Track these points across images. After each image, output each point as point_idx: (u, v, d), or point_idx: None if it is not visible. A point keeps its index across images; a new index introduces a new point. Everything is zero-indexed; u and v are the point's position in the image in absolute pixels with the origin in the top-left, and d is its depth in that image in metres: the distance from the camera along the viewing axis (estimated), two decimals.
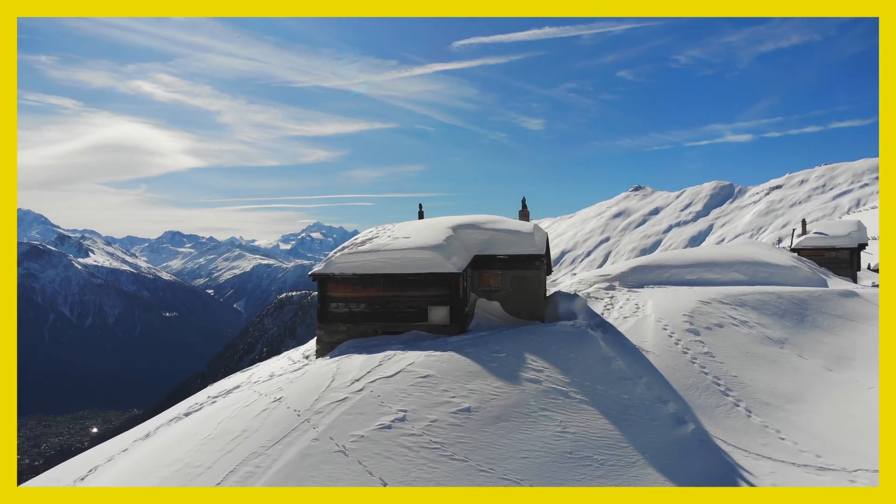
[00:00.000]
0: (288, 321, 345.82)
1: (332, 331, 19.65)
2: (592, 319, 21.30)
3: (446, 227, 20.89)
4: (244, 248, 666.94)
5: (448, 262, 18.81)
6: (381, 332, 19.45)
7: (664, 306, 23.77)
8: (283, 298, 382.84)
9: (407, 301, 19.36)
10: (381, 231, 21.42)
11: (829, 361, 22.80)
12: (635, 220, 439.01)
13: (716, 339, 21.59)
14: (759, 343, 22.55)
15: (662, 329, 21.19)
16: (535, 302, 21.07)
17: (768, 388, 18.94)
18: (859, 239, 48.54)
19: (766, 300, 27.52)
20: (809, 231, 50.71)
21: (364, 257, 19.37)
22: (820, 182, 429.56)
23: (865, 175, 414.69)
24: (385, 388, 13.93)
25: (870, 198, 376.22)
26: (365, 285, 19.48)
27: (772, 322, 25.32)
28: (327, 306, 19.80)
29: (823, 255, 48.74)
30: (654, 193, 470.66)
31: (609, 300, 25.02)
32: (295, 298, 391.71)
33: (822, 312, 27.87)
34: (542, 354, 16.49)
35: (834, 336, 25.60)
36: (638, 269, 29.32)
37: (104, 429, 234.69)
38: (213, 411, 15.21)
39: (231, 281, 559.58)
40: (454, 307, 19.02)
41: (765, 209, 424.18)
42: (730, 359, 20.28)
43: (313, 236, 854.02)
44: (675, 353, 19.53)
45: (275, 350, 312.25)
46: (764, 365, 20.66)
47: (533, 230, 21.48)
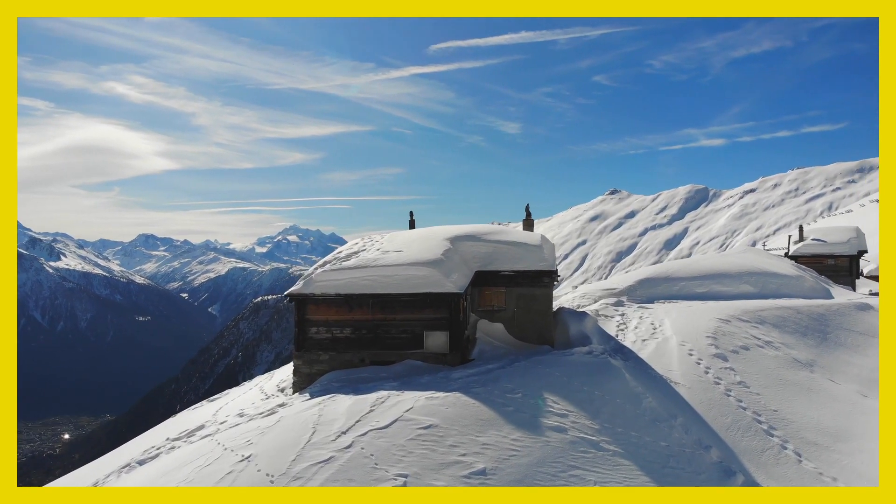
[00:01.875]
0: (264, 325, 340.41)
1: (312, 360, 16.93)
2: (608, 343, 18.83)
3: (443, 238, 18.25)
4: (219, 252, 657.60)
5: (447, 281, 16.20)
6: (369, 361, 16.77)
7: (683, 326, 21.44)
8: (258, 302, 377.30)
9: (399, 325, 16.71)
10: (368, 243, 18.71)
11: (861, 386, 20.71)
12: (611, 223, 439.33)
13: (745, 364, 19.29)
14: (789, 367, 20.31)
15: (688, 354, 18.81)
16: (543, 324, 18.53)
17: (812, 424, 16.67)
18: (858, 246, 46.82)
19: (785, 316, 25.32)
20: (807, 238, 48.87)
21: (350, 274, 16.68)
22: (793, 186, 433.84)
23: (837, 179, 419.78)
24: (379, 443, 11.28)
25: (842, 201, 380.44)
26: (351, 307, 16.79)
27: (795, 341, 23.15)
28: (306, 331, 17.08)
29: (822, 263, 46.93)
30: (630, 197, 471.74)
31: (621, 318, 22.61)
32: (271, 302, 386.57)
33: (843, 329, 25.76)
34: (563, 393, 13.94)
35: (860, 356, 23.50)
36: (645, 281, 26.96)
37: (76, 435, 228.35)
38: (168, 465, 12.46)
39: (206, 284, 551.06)
40: (454, 332, 16.41)
41: (739, 213, 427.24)
42: (764, 388, 17.98)
43: (290, 239, 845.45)
44: (706, 383, 17.16)
45: (250, 356, 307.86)
46: (800, 394, 18.38)
47: (541, 242, 18.92)
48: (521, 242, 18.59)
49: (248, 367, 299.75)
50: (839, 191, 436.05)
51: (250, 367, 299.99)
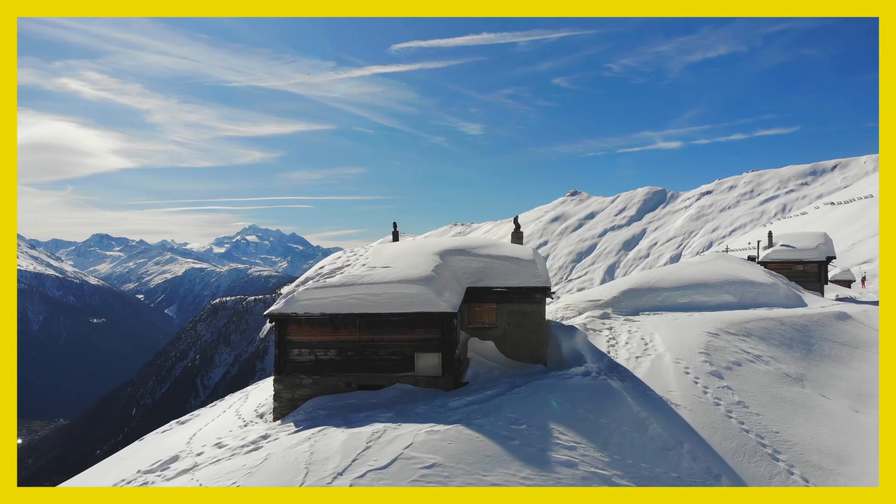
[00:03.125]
0: (222, 327, 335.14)
1: (294, 384, 15.83)
2: (601, 361, 18.15)
3: (432, 253, 17.31)
4: (176, 252, 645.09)
5: (440, 299, 15.28)
6: (355, 385, 15.74)
7: (674, 341, 20.91)
8: (216, 304, 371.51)
9: (388, 347, 15.73)
10: (352, 257, 17.67)
11: (852, 401, 20.43)
12: (572, 224, 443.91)
13: (740, 382, 18.81)
14: (781, 383, 19.92)
15: (684, 373, 18.23)
16: (536, 342, 17.73)
17: (814, 445, 16.21)
18: (827, 252, 47.25)
19: (769, 328, 25.06)
20: (776, 243, 49.22)
21: (335, 293, 15.63)
22: (748, 188, 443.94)
23: (791, 181, 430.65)
24: (380, 486, 10.32)
25: (795, 203, 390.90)
26: (336, 327, 15.75)
27: (782, 354, 22.84)
28: (287, 354, 15.98)
29: (791, 269, 47.27)
30: (590, 198, 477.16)
31: (609, 332, 21.99)
32: (229, 304, 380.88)
33: (825, 340, 25.62)
34: (569, 423, 13.15)
35: (846, 368, 23.32)
36: (629, 292, 26.45)
37: (29, 440, 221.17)
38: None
39: (162, 285, 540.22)
40: (447, 354, 15.50)
41: (696, 214, 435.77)
42: (762, 408, 17.50)
43: (249, 239, 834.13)
44: (706, 404, 16.57)
45: (208, 358, 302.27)
46: (797, 413, 17.96)
47: (533, 257, 18.12)
48: (513, 257, 17.76)
49: (206, 369, 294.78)
50: (793, 193, 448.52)
51: (208, 370, 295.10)
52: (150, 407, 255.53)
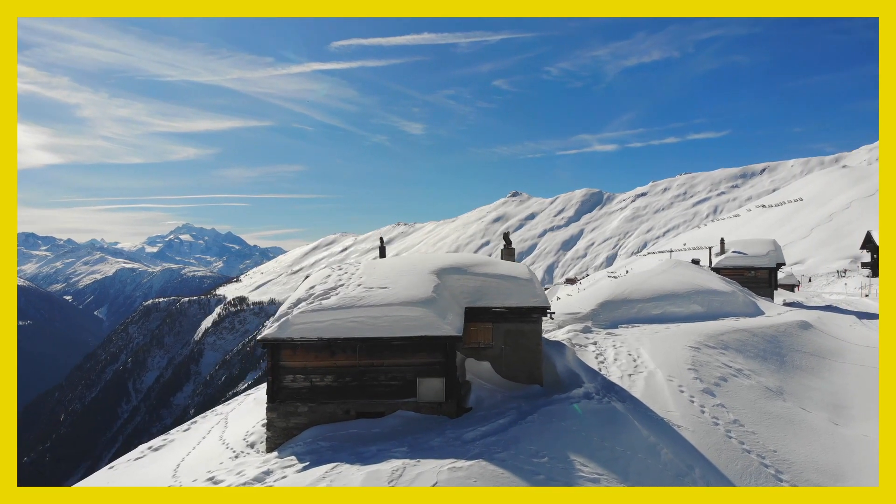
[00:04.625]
0: (155, 329, 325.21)
1: (288, 412, 15.01)
2: (596, 380, 17.96)
3: (429, 272, 16.70)
4: (106, 252, 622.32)
5: (443, 322, 14.73)
6: (354, 413, 15.03)
7: (661, 357, 20.94)
8: (149, 305, 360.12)
9: (389, 372, 15.07)
10: (343, 276, 16.90)
11: (830, 413, 20.86)
12: (513, 224, 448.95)
13: (730, 398, 18.92)
14: (765, 397, 20.17)
15: (679, 391, 18.20)
16: (533, 362, 17.36)
17: (810, 463, 16.36)
18: (777, 258, 48.68)
19: (743, 340, 25.47)
20: (728, 250, 50.42)
21: (332, 316, 14.87)
22: (681, 190, 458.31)
23: (722, 184, 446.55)
24: None
25: (726, 205, 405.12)
26: (333, 352, 15.00)
27: (759, 367, 23.21)
28: (281, 380, 15.14)
29: (743, 275, 48.50)
30: (531, 199, 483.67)
31: (595, 348, 21.88)
32: (162, 305, 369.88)
33: (794, 350, 26.21)
34: (587, 452, 12.81)
35: (818, 379, 23.86)
36: (606, 304, 26.49)
37: None
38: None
39: (91, 286, 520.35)
40: (450, 378, 14.96)
41: (631, 215, 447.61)
42: (756, 425, 17.62)
43: (182, 238, 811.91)
44: (706, 424, 16.55)
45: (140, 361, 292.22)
46: (786, 428, 18.15)
47: (530, 276, 17.75)
48: (510, 276, 17.35)
49: (138, 373, 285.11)
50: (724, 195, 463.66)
51: (141, 374, 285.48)
52: (79, 412, 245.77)
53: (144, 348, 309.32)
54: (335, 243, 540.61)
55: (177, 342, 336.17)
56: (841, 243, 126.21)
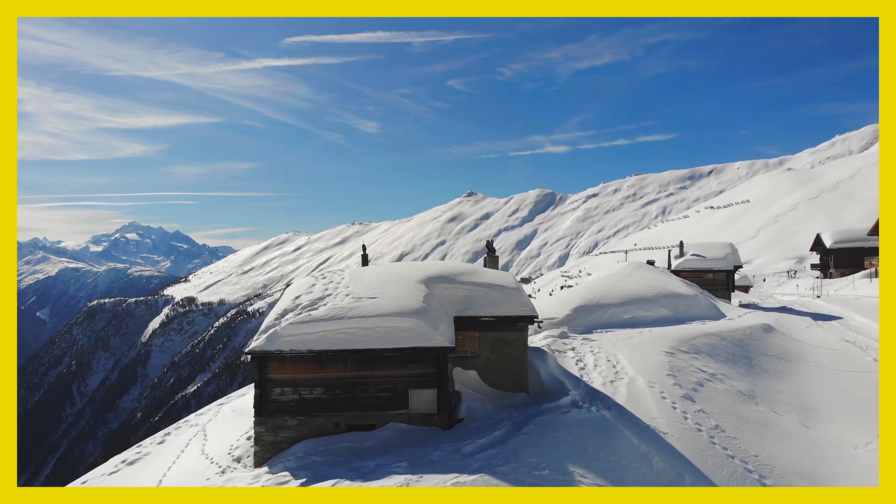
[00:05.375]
0: (100, 331, 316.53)
1: (277, 426, 14.68)
2: (579, 388, 18.08)
3: (417, 281, 16.56)
4: (48, 251, 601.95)
5: (436, 333, 14.61)
6: (345, 426, 14.79)
7: (639, 363, 21.23)
8: (94, 306, 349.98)
9: (379, 383, 14.88)
10: (329, 285, 16.61)
11: (799, 416, 21.42)
12: (468, 224, 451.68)
13: (709, 404, 19.30)
14: (740, 402, 20.63)
15: (661, 398, 18.47)
16: (519, 370, 17.38)
17: (790, 468, 16.77)
18: (734, 261, 49.93)
19: (713, 344, 26.03)
20: (687, 253, 51.49)
21: (322, 327, 14.61)
22: (631, 191, 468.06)
23: (671, 185, 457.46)
24: None
25: (675, 206, 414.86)
26: (322, 364, 14.74)
27: (730, 370, 23.73)
28: (268, 393, 14.80)
29: (702, 277, 49.60)
30: (486, 199, 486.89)
31: (574, 354, 22.06)
32: (108, 306, 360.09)
33: (761, 353, 26.90)
34: (584, 463, 12.87)
35: (785, 382, 24.50)
36: (580, 309, 26.77)
37: None
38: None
39: (33, 286, 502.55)
40: (442, 389, 14.86)
41: (583, 215, 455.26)
42: (735, 429, 17.99)
43: (128, 237, 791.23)
44: (690, 431, 16.83)
45: (85, 364, 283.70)
46: (762, 432, 18.58)
47: (517, 285, 17.77)
48: (498, 285, 17.32)
49: (82, 376, 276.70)
50: (672, 196, 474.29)
51: (85, 377, 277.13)
52: (21, 416, 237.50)
53: (89, 350, 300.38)
54: (287, 243, 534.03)
55: (123, 344, 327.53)
56: (787, 244, 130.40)
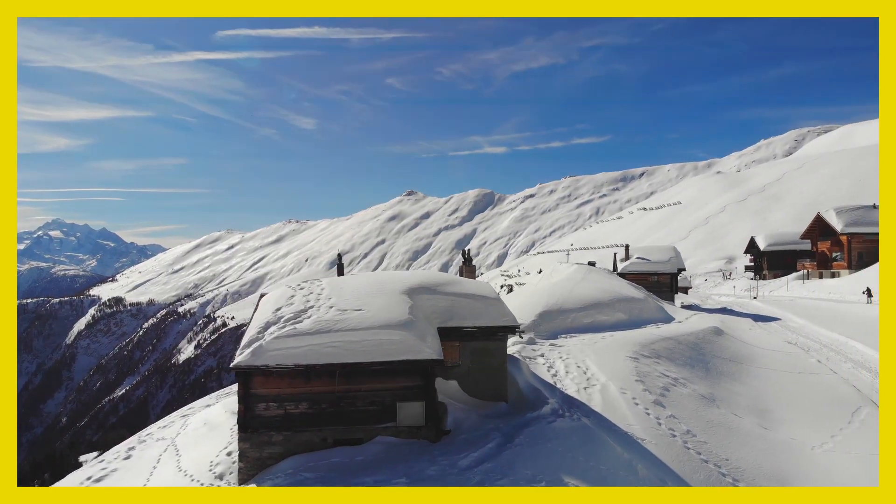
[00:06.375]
0: (22, 333, 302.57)
1: (262, 442, 14.36)
2: (555, 395, 18.34)
3: (400, 292, 16.46)
4: None
5: (424, 345, 14.58)
6: (332, 441, 14.59)
7: (608, 369, 21.70)
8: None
9: (366, 397, 14.73)
10: (311, 297, 16.34)
11: (757, 418, 22.24)
12: (408, 223, 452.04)
13: (678, 408, 19.88)
14: (702, 405, 21.31)
15: (634, 404, 18.92)
16: (499, 379, 17.53)
17: (759, 471, 17.39)
18: (678, 264, 51.52)
19: (671, 348, 26.82)
20: (633, 256, 52.83)
21: (309, 341, 14.36)
22: (566, 192, 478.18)
23: (604, 187, 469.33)
24: None
25: (608, 207, 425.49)
26: (308, 378, 14.50)
27: (690, 374, 24.49)
28: (253, 408, 14.46)
29: (647, 280, 51.01)
30: (426, 199, 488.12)
31: (544, 360, 22.39)
32: (30, 306, 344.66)
33: (715, 357, 27.85)
34: (577, 473, 13.09)
35: (739, 384, 25.42)
36: (544, 314, 27.21)
37: None
38: None
39: None
40: (430, 402, 14.84)
41: (520, 215, 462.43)
42: (704, 433, 18.59)
43: (52, 235, 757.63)
44: (665, 436, 17.30)
45: None
46: (729, 436, 19.24)
47: (497, 295, 17.89)
48: (479, 295, 17.41)
49: None
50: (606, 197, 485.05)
51: None
52: None
53: None
54: (220, 241, 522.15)
55: (47, 346, 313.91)
56: (717, 244, 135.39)
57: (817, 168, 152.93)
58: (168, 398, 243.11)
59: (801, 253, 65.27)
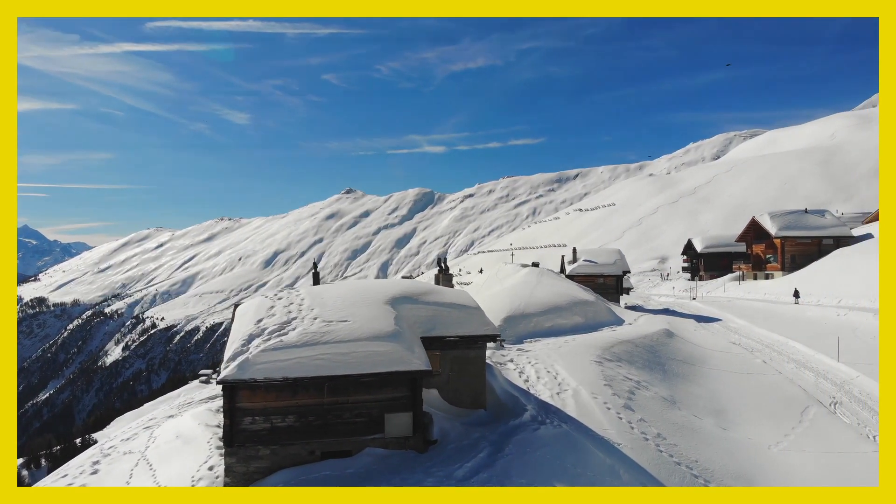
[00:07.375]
0: None
1: (249, 457, 14.11)
2: (530, 401, 18.66)
3: (383, 302, 16.42)
4: None
5: (413, 357, 14.60)
6: (319, 454, 14.46)
7: (577, 373, 22.20)
8: None
9: (354, 409, 14.66)
10: (293, 307, 16.10)
11: (714, 418, 23.09)
12: (347, 221, 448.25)
13: (645, 412, 20.49)
14: (666, 408, 22.02)
15: (606, 408, 19.42)
16: (478, 387, 17.70)
17: (726, 471, 18.09)
18: (623, 266, 52.86)
19: (630, 351, 27.58)
20: (580, 259, 53.92)
21: (297, 354, 14.18)
22: (504, 192, 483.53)
23: (541, 187, 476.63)
24: None
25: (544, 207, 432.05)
26: (295, 391, 14.33)
27: (649, 377, 25.23)
28: (238, 423, 14.19)
29: (594, 282, 52.17)
30: (365, 197, 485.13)
31: (514, 366, 22.71)
32: None
33: (669, 359, 28.77)
34: (567, 480, 13.40)
35: (695, 385, 26.34)
36: (509, 319, 27.60)
37: None
38: None
39: None
40: (417, 412, 14.88)
41: (460, 215, 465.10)
42: (672, 435, 19.23)
43: None
44: (638, 440, 17.83)
45: None
46: (693, 437, 19.95)
47: (477, 304, 18.04)
48: (459, 304, 17.52)
49: None
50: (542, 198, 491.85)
51: None
52: None
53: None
54: (149, 239, 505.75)
55: None
56: (650, 245, 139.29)
57: (745, 171, 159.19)
58: (94, 402, 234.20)
59: (736, 255, 68.11)
